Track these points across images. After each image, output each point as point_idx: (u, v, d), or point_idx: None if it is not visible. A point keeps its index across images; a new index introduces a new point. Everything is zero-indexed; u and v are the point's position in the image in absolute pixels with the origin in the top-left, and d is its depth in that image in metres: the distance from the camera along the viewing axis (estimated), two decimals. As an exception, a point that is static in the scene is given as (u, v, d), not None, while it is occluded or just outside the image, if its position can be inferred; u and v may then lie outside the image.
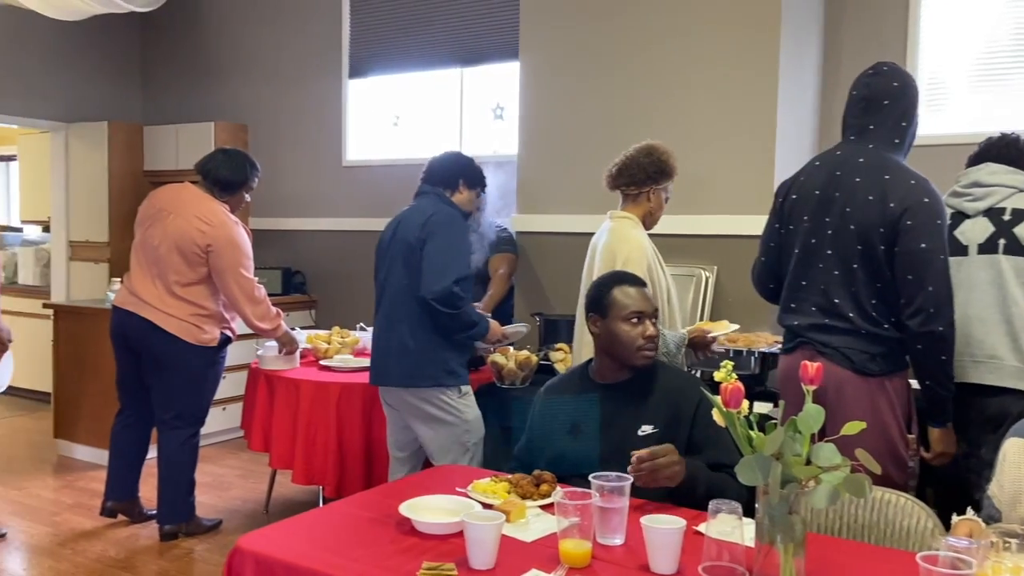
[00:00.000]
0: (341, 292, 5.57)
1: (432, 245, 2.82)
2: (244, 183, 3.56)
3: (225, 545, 3.50)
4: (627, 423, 2.11)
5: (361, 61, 5.44)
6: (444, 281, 2.75)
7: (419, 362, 2.83)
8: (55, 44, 5.93)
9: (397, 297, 2.91)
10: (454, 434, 2.85)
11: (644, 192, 2.79)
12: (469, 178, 3.06)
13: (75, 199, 6.10)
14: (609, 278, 2.27)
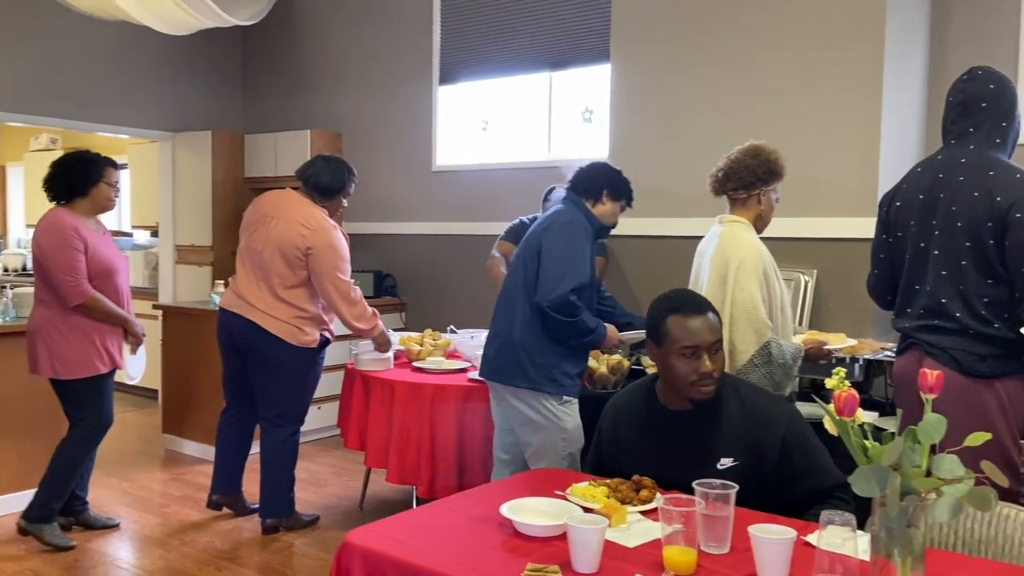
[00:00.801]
0: (430, 295, 5.67)
1: (548, 251, 2.79)
2: (342, 188, 3.67)
3: (323, 540, 3.61)
4: (704, 455, 2.02)
5: (451, 68, 5.52)
6: (560, 289, 2.72)
7: (521, 362, 2.81)
8: (163, 59, 6.24)
9: (512, 294, 2.91)
10: (551, 441, 2.83)
11: (754, 195, 2.72)
12: (614, 189, 2.98)
13: (181, 205, 6.41)
14: (665, 303, 2.10)
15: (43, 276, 3.42)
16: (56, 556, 3.39)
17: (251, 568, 3.32)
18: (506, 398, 2.90)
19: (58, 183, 3.50)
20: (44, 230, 3.41)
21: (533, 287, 2.82)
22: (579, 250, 2.81)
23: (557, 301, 2.72)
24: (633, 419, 2.18)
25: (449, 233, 5.54)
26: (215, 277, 6.08)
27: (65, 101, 5.73)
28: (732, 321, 2.56)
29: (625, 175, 3.05)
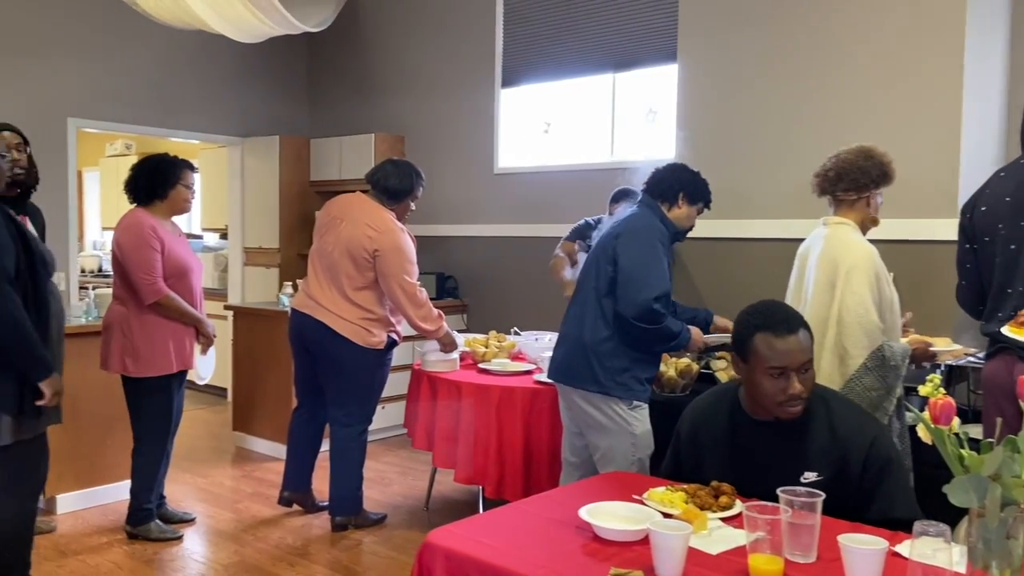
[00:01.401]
0: (492, 296, 5.69)
1: (626, 259, 2.77)
2: (410, 192, 3.73)
3: (390, 538, 3.66)
4: (788, 467, 1.98)
5: (513, 71, 5.55)
6: (643, 298, 2.71)
7: (591, 366, 2.80)
8: (233, 66, 6.41)
9: (584, 297, 2.90)
10: (620, 445, 2.82)
11: (864, 197, 2.67)
12: (691, 192, 2.95)
13: (249, 208, 6.57)
14: (754, 319, 2.01)
15: (121, 274, 3.53)
16: (136, 548, 3.51)
17: (322, 564, 3.39)
18: (575, 401, 2.90)
19: (138, 186, 3.62)
20: (124, 229, 3.52)
21: (605, 291, 2.81)
22: (656, 256, 2.78)
23: (641, 310, 2.71)
24: (714, 426, 2.16)
25: (511, 235, 5.56)
26: (282, 279, 6.22)
27: (140, 108, 5.93)
28: (843, 325, 2.52)
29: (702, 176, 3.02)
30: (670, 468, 2.27)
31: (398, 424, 5.34)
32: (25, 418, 2.59)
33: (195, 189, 3.73)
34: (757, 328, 1.98)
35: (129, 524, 3.62)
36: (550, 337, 4.26)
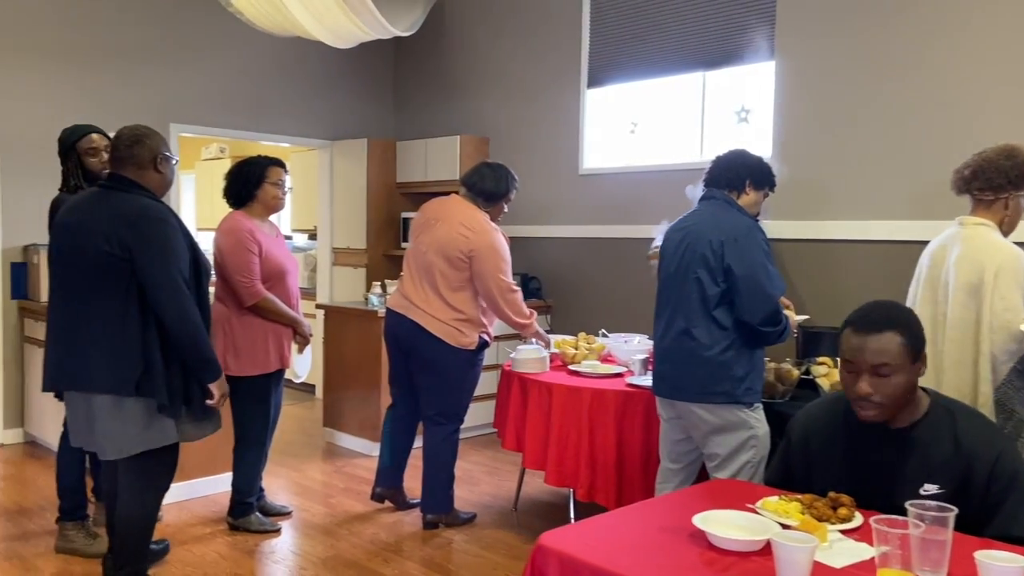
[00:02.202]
0: (576, 298, 5.68)
1: (742, 267, 2.71)
2: (505, 194, 3.76)
3: (481, 538, 3.69)
4: (907, 479, 1.91)
5: (599, 71, 5.51)
6: (770, 304, 2.68)
7: (715, 378, 2.76)
8: (323, 72, 6.57)
9: (688, 307, 2.82)
10: (742, 450, 2.77)
11: (1002, 198, 2.56)
12: (756, 178, 2.90)
13: (337, 209, 6.72)
14: (851, 315, 1.99)
15: (221, 276, 3.65)
16: (238, 540, 3.63)
17: (415, 561, 3.43)
18: (694, 412, 2.84)
19: (230, 191, 3.73)
20: (224, 233, 3.64)
21: (715, 303, 2.75)
22: (766, 255, 2.75)
23: (767, 315, 2.66)
24: (827, 434, 2.10)
25: (595, 236, 5.54)
26: (369, 278, 6.34)
27: (235, 113, 6.13)
28: (991, 330, 2.42)
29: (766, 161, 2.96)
30: (779, 476, 2.21)
31: (485, 424, 5.39)
32: (193, 420, 2.76)
33: (285, 186, 3.75)
34: (847, 323, 1.98)
35: (231, 516, 3.74)
36: (639, 339, 4.22)
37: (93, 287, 2.67)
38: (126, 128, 2.85)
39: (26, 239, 5.18)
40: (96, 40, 5.44)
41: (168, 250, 2.67)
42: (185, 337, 2.67)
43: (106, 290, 2.66)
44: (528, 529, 3.82)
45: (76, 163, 3.44)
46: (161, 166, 2.83)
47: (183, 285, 2.67)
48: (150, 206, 2.73)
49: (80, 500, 3.49)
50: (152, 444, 2.72)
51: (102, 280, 2.66)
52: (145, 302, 2.66)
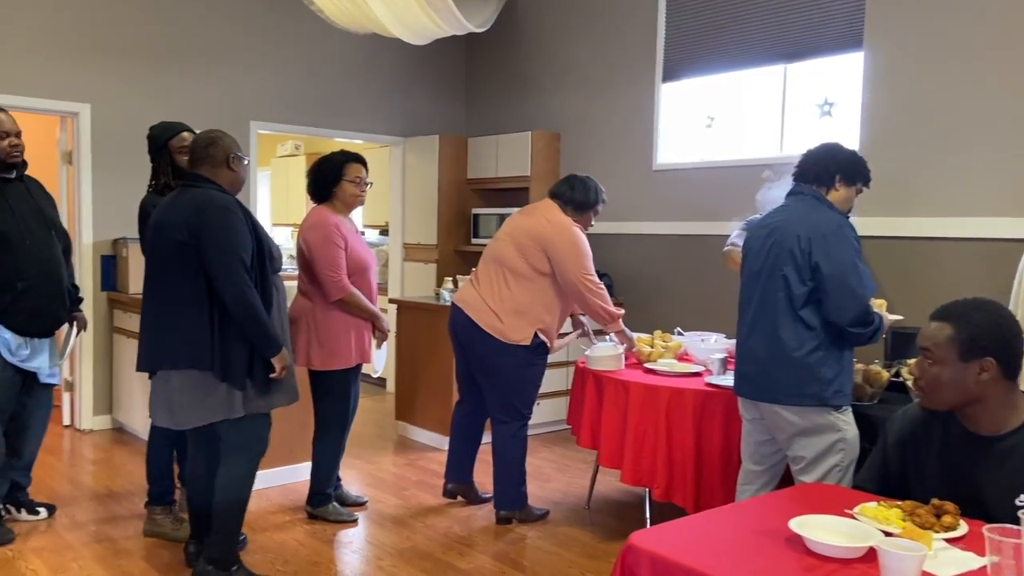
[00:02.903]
0: (648, 295, 5.61)
1: (831, 265, 2.63)
2: (594, 205, 3.80)
3: (554, 534, 3.67)
4: (1006, 487, 1.81)
5: (675, 64, 5.43)
6: (861, 305, 2.60)
7: (802, 379, 2.68)
8: (396, 69, 6.65)
9: (774, 306, 2.75)
10: (829, 453, 2.69)
11: None
12: (847, 173, 2.80)
13: (409, 206, 6.79)
14: None
15: (308, 270, 3.71)
16: (316, 528, 3.70)
17: (489, 556, 3.44)
18: (779, 414, 2.77)
19: (312, 187, 3.80)
20: (310, 227, 3.70)
21: (803, 302, 2.67)
22: (857, 253, 2.66)
23: (857, 315, 2.59)
24: (924, 439, 2.02)
25: (669, 233, 5.46)
26: (439, 274, 6.39)
27: (310, 111, 6.25)
28: None
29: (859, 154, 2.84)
30: (875, 480, 2.14)
31: (554, 420, 5.38)
32: (255, 394, 2.90)
33: (365, 182, 3.76)
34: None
35: (309, 505, 3.82)
36: (716, 338, 4.14)
37: (171, 273, 2.86)
38: (203, 132, 3.06)
39: (115, 233, 5.38)
40: (182, 40, 5.61)
41: (228, 236, 2.82)
42: (243, 315, 2.81)
43: (180, 275, 2.84)
44: (602, 528, 3.79)
45: (167, 161, 3.55)
46: (234, 164, 3.01)
47: (241, 268, 2.81)
48: (216, 197, 2.90)
49: (168, 486, 3.60)
50: (223, 415, 2.88)
51: (177, 266, 2.84)
52: (212, 285, 2.83)
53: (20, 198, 3.43)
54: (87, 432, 5.36)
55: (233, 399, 2.87)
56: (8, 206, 3.35)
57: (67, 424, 5.46)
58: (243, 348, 2.85)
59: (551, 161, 6.19)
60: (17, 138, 3.39)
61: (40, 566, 3.23)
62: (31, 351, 3.44)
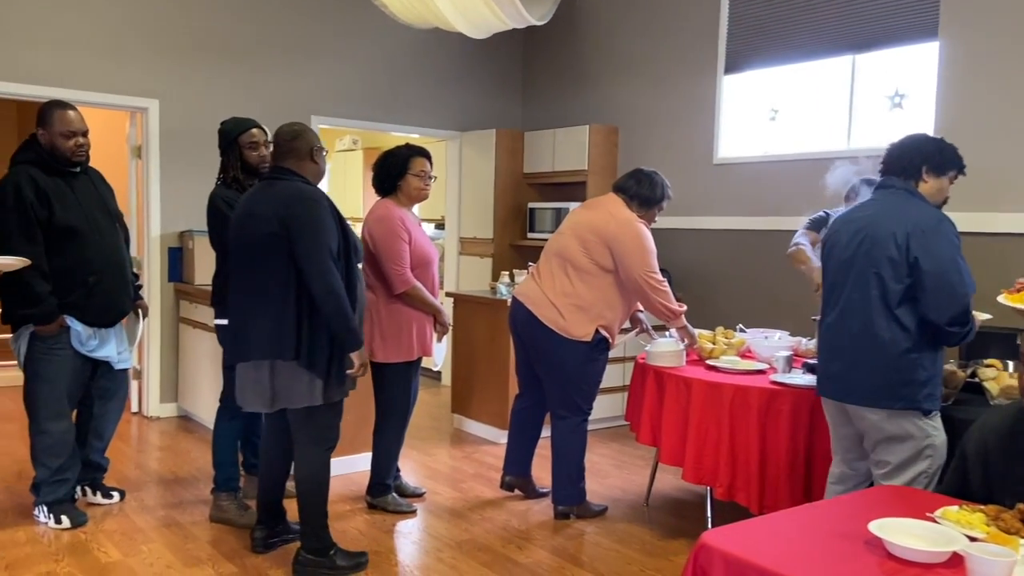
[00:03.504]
0: (708, 291, 5.53)
1: (931, 262, 2.54)
2: (660, 200, 3.75)
3: (613, 531, 3.65)
4: None
5: (738, 56, 5.33)
6: (962, 303, 2.52)
7: (893, 381, 2.60)
8: (453, 63, 6.67)
9: (866, 304, 2.66)
10: (917, 459, 2.61)
11: None
12: (934, 163, 2.69)
13: (465, 200, 6.81)
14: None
15: (372, 263, 3.75)
16: (376, 518, 3.74)
17: (547, 551, 3.43)
18: (865, 415, 2.69)
19: (377, 181, 3.82)
20: (376, 221, 3.73)
21: (898, 300, 2.58)
22: (958, 249, 2.57)
23: (957, 314, 2.50)
24: (1006, 446, 1.94)
25: (730, 228, 5.37)
26: (495, 268, 6.40)
27: (369, 105, 6.31)
28: None
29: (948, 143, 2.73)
30: (955, 486, 2.07)
31: (611, 416, 5.35)
32: (334, 384, 2.97)
33: (429, 176, 3.77)
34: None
35: (369, 495, 3.86)
36: (779, 335, 4.06)
37: (260, 267, 2.91)
38: (285, 125, 3.10)
39: (182, 225, 5.52)
40: (246, 37, 5.72)
41: (318, 228, 2.87)
42: (330, 308, 2.87)
43: (270, 268, 2.89)
44: (662, 525, 3.75)
45: (237, 155, 3.61)
46: (316, 157, 3.07)
47: (330, 260, 2.87)
48: (304, 189, 2.96)
49: (233, 473, 3.68)
50: (305, 402, 2.94)
51: (267, 259, 2.90)
52: (300, 276, 2.88)
53: (86, 192, 3.50)
54: (154, 419, 5.52)
55: (315, 387, 2.94)
56: (77, 201, 3.43)
57: (135, 411, 5.63)
58: (327, 338, 2.91)
59: (609, 155, 6.14)
60: (84, 137, 3.44)
61: (112, 549, 3.33)
62: (99, 341, 3.55)
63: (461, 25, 3.98)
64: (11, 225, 3.26)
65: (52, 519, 3.50)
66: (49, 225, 3.32)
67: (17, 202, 3.26)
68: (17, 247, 3.23)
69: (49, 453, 3.48)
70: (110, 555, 3.27)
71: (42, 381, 3.43)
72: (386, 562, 3.27)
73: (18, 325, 3.41)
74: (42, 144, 3.38)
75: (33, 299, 3.30)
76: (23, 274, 3.24)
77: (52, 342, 3.40)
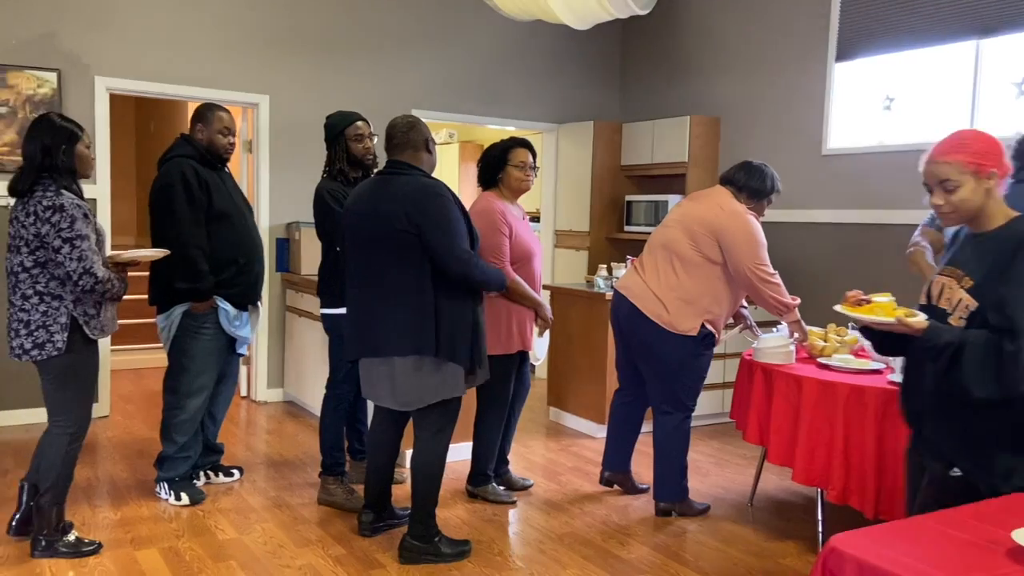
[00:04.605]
0: (817, 286, 5.34)
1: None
2: (769, 192, 3.65)
3: (717, 530, 3.57)
4: None
5: (851, 42, 5.12)
6: None
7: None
8: (551, 55, 6.65)
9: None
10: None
11: None
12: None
13: (562, 192, 6.79)
14: None
15: None
16: (477, 507, 3.78)
17: (649, 547, 3.39)
18: None
19: (480, 174, 3.85)
20: (477, 213, 3.73)
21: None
22: None
23: None
24: None
25: (841, 222, 5.17)
26: (591, 261, 6.36)
27: (466, 98, 6.36)
28: None
29: None
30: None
31: (711, 413, 5.25)
32: (477, 372, 3.12)
33: (530, 167, 3.72)
34: None
35: (470, 484, 3.91)
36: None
37: (391, 264, 2.97)
38: (399, 117, 3.15)
39: (289, 217, 5.71)
40: (350, 33, 5.86)
41: (449, 221, 2.93)
42: (479, 285, 2.99)
43: (402, 265, 2.95)
44: (767, 526, 3.65)
45: (343, 148, 3.70)
46: (431, 147, 3.13)
47: (466, 247, 2.96)
48: (428, 184, 3.00)
49: (340, 458, 3.78)
50: (446, 395, 3.03)
51: (398, 256, 2.95)
52: (434, 271, 2.94)
53: (231, 183, 3.78)
54: (262, 403, 5.73)
55: (458, 379, 3.02)
56: (227, 191, 3.69)
57: (244, 395, 5.86)
58: (467, 329, 2.98)
59: (710, 147, 6.01)
60: (234, 136, 3.76)
61: (228, 527, 3.47)
62: (240, 323, 3.73)
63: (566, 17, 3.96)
64: (183, 211, 3.51)
65: (172, 496, 3.69)
66: (209, 211, 3.57)
67: (186, 190, 3.52)
68: (188, 229, 3.50)
69: (180, 429, 3.67)
70: (226, 532, 3.41)
71: (188, 358, 3.63)
72: (488, 551, 3.30)
73: (170, 305, 3.60)
74: (199, 140, 3.65)
75: (196, 275, 3.52)
76: (188, 252, 3.48)
77: (203, 320, 3.60)
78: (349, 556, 3.21)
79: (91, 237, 2.97)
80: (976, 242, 2.07)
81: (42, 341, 2.92)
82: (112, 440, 4.71)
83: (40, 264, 2.92)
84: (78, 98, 4.98)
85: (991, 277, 1.98)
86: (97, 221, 3.10)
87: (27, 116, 4.80)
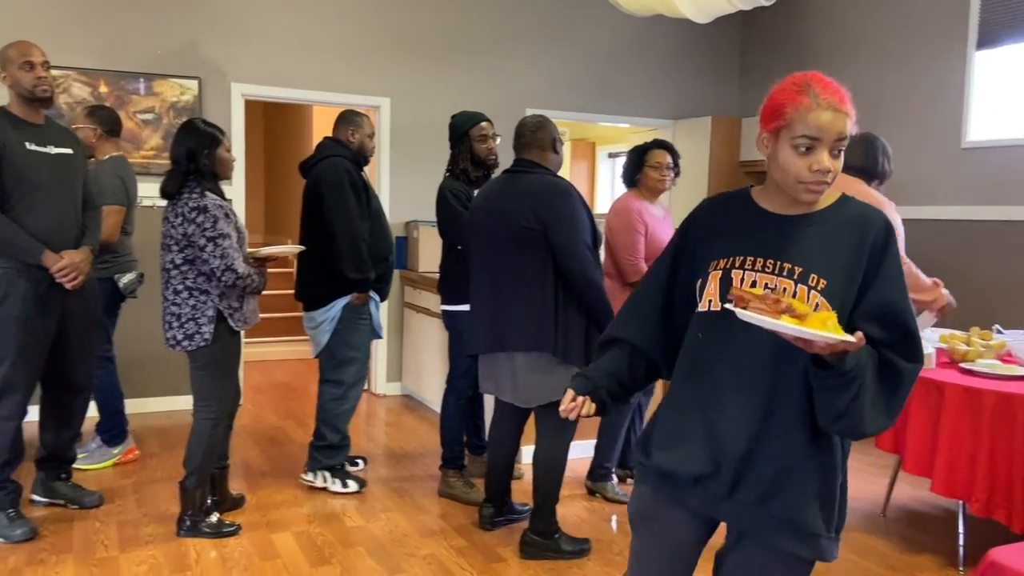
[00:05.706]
0: (957, 288, 5.01)
1: None
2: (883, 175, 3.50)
3: (849, 541, 3.43)
4: None
5: (993, 28, 4.80)
6: None
7: None
8: (669, 50, 6.55)
9: None
10: None
11: None
12: None
13: (677, 189, 6.65)
14: None
15: (610, 252, 3.80)
16: (595, 505, 3.77)
17: (774, 554, 3.29)
18: None
19: (623, 174, 3.90)
20: (614, 213, 3.78)
21: None
22: None
23: None
24: None
25: (983, 219, 4.86)
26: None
27: (580, 96, 6.35)
28: None
29: None
30: None
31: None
32: None
33: (668, 167, 3.73)
34: None
35: (589, 480, 3.90)
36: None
37: (515, 260, 3.02)
38: (528, 117, 3.19)
39: (408, 216, 5.86)
40: (466, 34, 5.95)
41: (575, 220, 2.95)
42: (591, 297, 2.98)
43: (526, 261, 3.00)
44: (902, 538, 3.48)
45: (467, 148, 3.77)
46: (557, 148, 3.16)
47: (587, 250, 2.96)
48: (556, 183, 3.03)
49: (459, 451, 3.86)
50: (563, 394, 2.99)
51: (522, 253, 3.00)
52: (557, 268, 2.97)
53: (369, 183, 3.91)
54: (381, 396, 5.92)
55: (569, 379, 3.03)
56: (370, 191, 3.82)
57: (364, 388, 6.06)
58: (581, 329, 3.00)
59: (836, 141, 5.76)
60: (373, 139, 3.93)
61: (355, 514, 3.60)
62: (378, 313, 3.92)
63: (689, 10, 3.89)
64: (353, 206, 3.66)
65: (338, 483, 3.82)
66: (368, 207, 3.74)
67: (352, 187, 3.68)
68: (357, 223, 3.65)
69: (344, 419, 3.82)
70: (354, 520, 3.54)
71: (353, 349, 3.78)
72: (607, 551, 3.28)
73: (332, 299, 3.71)
74: (352, 142, 3.79)
75: (363, 267, 3.67)
76: (359, 245, 3.63)
77: (361, 311, 3.75)
78: (471, 548, 3.27)
79: (232, 235, 3.14)
80: (794, 225, 1.55)
81: (192, 332, 3.12)
82: (246, 428, 4.96)
83: (188, 261, 3.11)
84: (216, 104, 5.28)
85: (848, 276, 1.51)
86: (238, 220, 3.28)
87: (171, 122, 5.12)
